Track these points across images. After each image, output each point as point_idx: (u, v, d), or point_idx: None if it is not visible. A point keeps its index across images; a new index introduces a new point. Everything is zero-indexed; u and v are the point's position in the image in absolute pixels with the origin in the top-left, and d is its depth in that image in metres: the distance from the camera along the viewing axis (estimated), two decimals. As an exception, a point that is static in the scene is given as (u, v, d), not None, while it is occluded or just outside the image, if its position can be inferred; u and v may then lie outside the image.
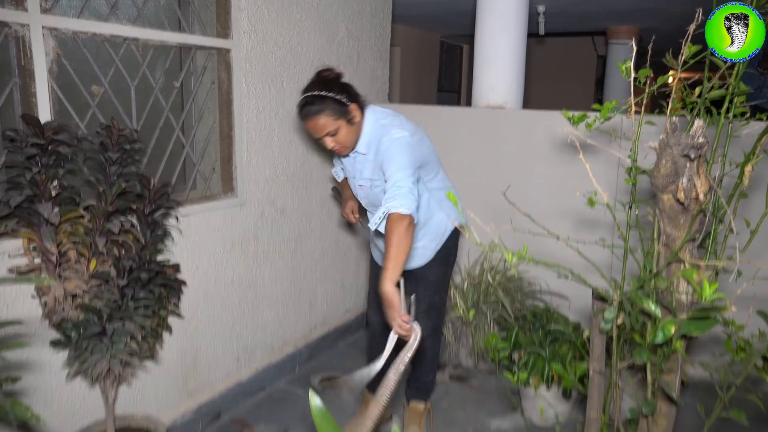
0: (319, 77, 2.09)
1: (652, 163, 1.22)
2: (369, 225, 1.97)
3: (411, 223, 1.90)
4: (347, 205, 2.49)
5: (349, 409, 2.76)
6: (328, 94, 2.00)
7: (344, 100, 2.03)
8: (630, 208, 1.31)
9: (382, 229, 1.95)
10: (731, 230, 1.23)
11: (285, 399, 2.88)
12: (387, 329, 1.90)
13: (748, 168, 1.26)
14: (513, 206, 1.54)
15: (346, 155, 2.22)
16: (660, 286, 1.24)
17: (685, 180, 1.17)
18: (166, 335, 2.12)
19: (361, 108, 2.11)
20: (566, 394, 2.59)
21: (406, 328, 1.81)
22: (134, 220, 1.95)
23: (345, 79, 2.14)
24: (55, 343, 1.82)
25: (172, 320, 2.15)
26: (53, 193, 1.76)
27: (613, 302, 1.24)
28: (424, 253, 2.32)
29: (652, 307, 1.13)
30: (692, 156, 1.15)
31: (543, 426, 2.62)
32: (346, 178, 2.50)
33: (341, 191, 2.59)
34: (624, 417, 1.40)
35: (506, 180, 3.06)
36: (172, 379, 2.48)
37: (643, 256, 1.31)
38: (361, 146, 2.15)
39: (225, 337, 2.71)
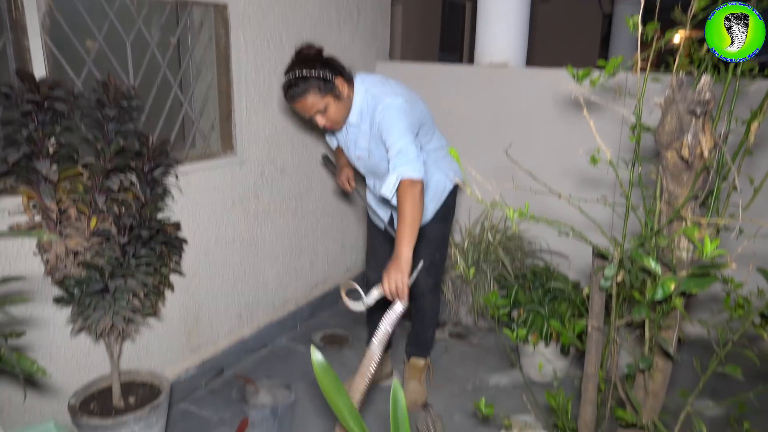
0: (300, 56, 2.02)
1: (657, 121, 1.20)
2: (382, 192, 1.95)
3: (422, 188, 1.92)
4: (342, 172, 2.45)
5: (350, 364, 2.81)
6: (311, 73, 1.95)
7: (328, 76, 1.97)
8: (633, 165, 1.30)
9: (395, 200, 1.95)
10: (735, 188, 1.22)
11: (287, 355, 2.93)
12: None
13: (754, 125, 1.24)
14: (515, 164, 1.53)
15: (339, 129, 2.19)
16: (661, 243, 1.24)
17: (689, 137, 1.15)
18: (168, 293, 2.14)
19: (348, 80, 2.06)
20: (564, 351, 2.63)
21: (402, 295, 1.84)
22: (133, 178, 1.94)
23: (329, 53, 2.08)
24: (58, 300, 1.84)
25: (173, 278, 2.17)
26: (51, 151, 1.75)
27: (613, 259, 1.24)
28: (424, 213, 2.32)
29: (652, 264, 1.13)
30: (698, 112, 1.13)
31: (541, 382, 2.67)
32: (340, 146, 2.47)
33: (334, 160, 2.55)
34: (621, 372, 1.42)
35: (508, 138, 3.03)
36: (176, 335, 2.51)
37: (645, 214, 1.31)
38: (352, 116, 2.11)
39: (227, 295, 2.74)
